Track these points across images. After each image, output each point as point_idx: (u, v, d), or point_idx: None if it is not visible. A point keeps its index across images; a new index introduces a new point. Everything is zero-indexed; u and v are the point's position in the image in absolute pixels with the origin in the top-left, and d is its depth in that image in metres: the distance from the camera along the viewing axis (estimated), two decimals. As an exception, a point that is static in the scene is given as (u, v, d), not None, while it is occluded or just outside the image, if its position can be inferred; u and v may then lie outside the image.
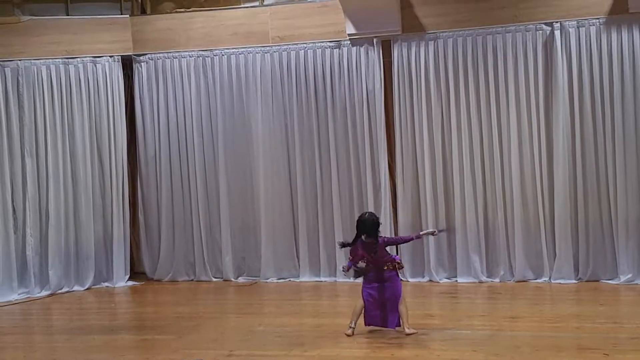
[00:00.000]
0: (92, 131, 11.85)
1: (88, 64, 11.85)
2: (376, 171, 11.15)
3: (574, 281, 10.39)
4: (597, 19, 10.28)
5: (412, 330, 7.89)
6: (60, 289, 11.55)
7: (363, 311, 8.08)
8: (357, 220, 8.20)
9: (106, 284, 11.87)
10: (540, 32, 10.52)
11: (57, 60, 11.72)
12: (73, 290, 11.60)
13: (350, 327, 8.03)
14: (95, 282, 11.79)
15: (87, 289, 11.67)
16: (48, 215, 11.57)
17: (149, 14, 12.13)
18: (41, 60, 11.66)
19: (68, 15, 11.91)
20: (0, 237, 11.28)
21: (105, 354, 7.86)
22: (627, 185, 10.20)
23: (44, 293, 11.40)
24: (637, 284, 10.07)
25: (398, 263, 8.13)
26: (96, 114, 11.88)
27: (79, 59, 11.81)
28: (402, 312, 7.96)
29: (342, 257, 11.31)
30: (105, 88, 11.90)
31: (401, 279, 8.29)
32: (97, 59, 11.88)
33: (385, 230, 10.91)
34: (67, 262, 11.65)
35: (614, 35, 10.23)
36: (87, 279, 11.74)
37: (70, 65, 11.78)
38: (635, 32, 10.14)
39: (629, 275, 10.16)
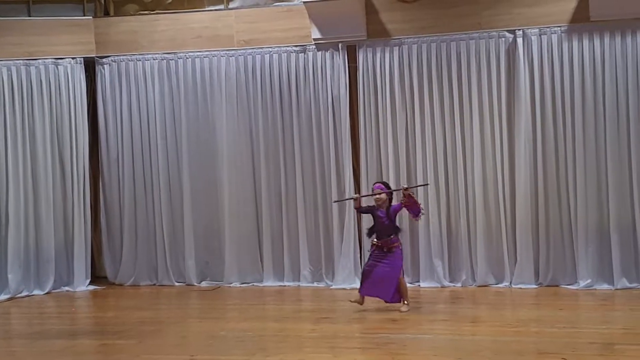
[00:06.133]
0: (53, 133, 11.74)
1: (50, 65, 11.74)
2: (341, 176, 11.17)
3: (534, 286, 10.49)
4: (559, 27, 10.41)
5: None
6: (20, 292, 11.41)
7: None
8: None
9: (67, 288, 11.75)
10: (503, 39, 10.62)
11: (18, 61, 11.61)
12: (33, 294, 11.47)
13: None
14: (55, 286, 11.67)
15: (47, 293, 11.54)
16: (7, 217, 11.44)
17: (113, 16, 12.04)
18: (2, 62, 11.54)
19: (30, 16, 11.80)
20: (-41, 240, 11.17)
21: (66, 359, 7.79)
22: (587, 192, 10.32)
23: (3, 297, 11.24)
24: (595, 289, 10.19)
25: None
26: (58, 116, 11.77)
27: (40, 61, 11.71)
28: None
29: (305, 262, 11.35)
30: (67, 90, 11.79)
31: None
32: (59, 60, 11.77)
33: (349, 234, 10.97)
34: (27, 266, 11.52)
35: (575, 43, 10.36)
36: (47, 282, 11.62)
37: (31, 67, 11.66)
38: (596, 40, 10.27)
39: (588, 281, 10.28)
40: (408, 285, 10.82)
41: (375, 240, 9.35)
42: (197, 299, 10.99)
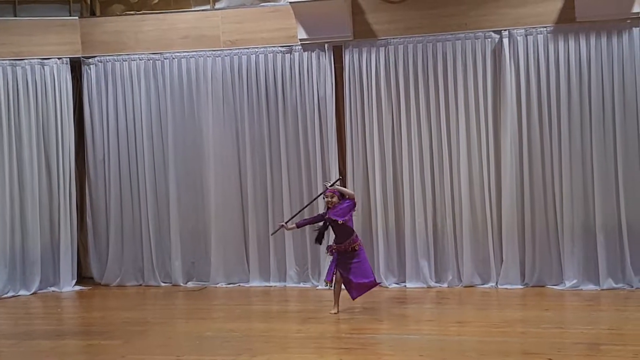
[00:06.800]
0: (39, 134, 11.70)
1: (36, 66, 11.69)
2: (327, 176, 11.15)
3: (520, 286, 10.51)
4: (545, 27, 10.44)
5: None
6: (6, 293, 11.36)
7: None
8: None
9: (53, 288, 11.71)
10: (489, 39, 10.64)
11: (4, 61, 11.56)
12: (19, 295, 11.42)
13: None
14: (41, 286, 11.63)
15: (33, 293, 11.50)
16: (-6, 218, 11.42)
17: (99, 16, 12.00)
18: (-12, 62, 11.51)
19: (16, 16, 11.75)
20: (-54, 241, 11.12)
21: (51, 359, 7.77)
22: (572, 192, 10.35)
23: (-11, 297, 11.23)
24: (581, 289, 10.23)
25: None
26: (44, 116, 11.73)
27: (26, 61, 11.66)
28: None
29: (292, 262, 11.35)
30: (53, 90, 11.75)
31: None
32: (45, 61, 11.73)
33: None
34: (13, 266, 11.48)
35: (560, 44, 10.39)
36: (33, 283, 11.57)
37: (17, 67, 11.62)
38: (582, 41, 10.30)
39: (574, 281, 10.32)
40: (394, 285, 10.95)
41: (335, 245, 9.33)
42: (183, 300, 10.98)
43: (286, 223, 9.76)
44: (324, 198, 9.46)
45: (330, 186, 9.43)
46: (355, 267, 9.22)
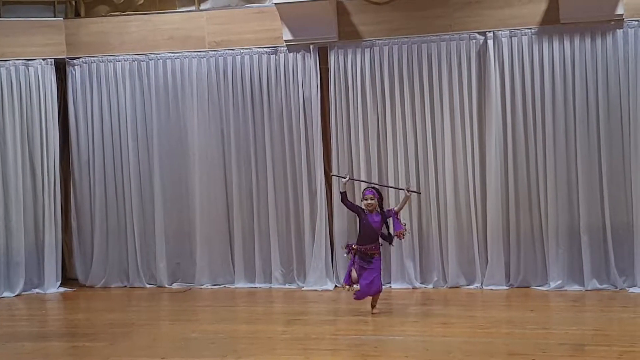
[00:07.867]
0: (23, 135, 11.64)
1: (20, 67, 11.64)
2: (312, 177, 11.17)
3: (505, 287, 10.54)
4: (529, 29, 10.47)
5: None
6: (-10, 295, 11.34)
7: None
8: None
9: (37, 290, 11.66)
10: (474, 41, 10.67)
11: (-12, 62, 11.54)
12: (3, 297, 11.36)
13: None
14: (25, 288, 11.57)
15: (17, 295, 11.45)
16: (-23, 220, 11.36)
17: (83, 17, 11.96)
18: (-28, 63, 11.47)
19: (0, 17, 11.70)
20: None
21: (35, 362, 7.76)
22: (557, 193, 10.39)
23: (-27, 299, 11.18)
24: (566, 290, 10.26)
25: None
26: (28, 117, 11.68)
27: (10, 62, 11.61)
28: None
29: (277, 263, 11.34)
30: (37, 91, 11.70)
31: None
32: (30, 62, 11.68)
33: (321, 235, 10.99)
34: (-4, 268, 11.45)
35: (545, 45, 10.43)
36: (17, 285, 11.52)
37: (1, 68, 11.57)
38: (566, 42, 10.34)
39: (559, 282, 10.35)
40: (379, 286, 10.90)
41: (356, 245, 9.18)
42: (169, 301, 10.95)
43: (349, 180, 9.61)
44: (363, 199, 9.24)
45: (409, 190, 9.44)
46: (367, 273, 9.12)
